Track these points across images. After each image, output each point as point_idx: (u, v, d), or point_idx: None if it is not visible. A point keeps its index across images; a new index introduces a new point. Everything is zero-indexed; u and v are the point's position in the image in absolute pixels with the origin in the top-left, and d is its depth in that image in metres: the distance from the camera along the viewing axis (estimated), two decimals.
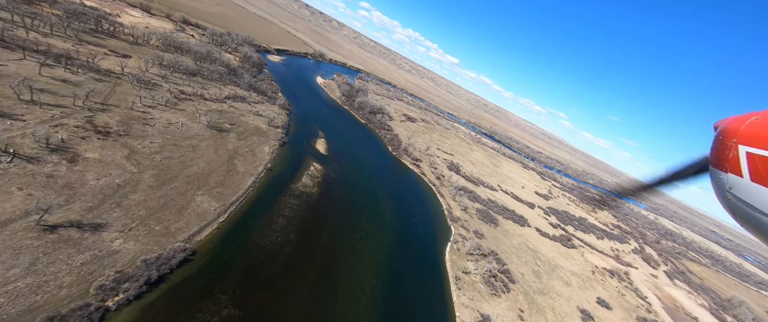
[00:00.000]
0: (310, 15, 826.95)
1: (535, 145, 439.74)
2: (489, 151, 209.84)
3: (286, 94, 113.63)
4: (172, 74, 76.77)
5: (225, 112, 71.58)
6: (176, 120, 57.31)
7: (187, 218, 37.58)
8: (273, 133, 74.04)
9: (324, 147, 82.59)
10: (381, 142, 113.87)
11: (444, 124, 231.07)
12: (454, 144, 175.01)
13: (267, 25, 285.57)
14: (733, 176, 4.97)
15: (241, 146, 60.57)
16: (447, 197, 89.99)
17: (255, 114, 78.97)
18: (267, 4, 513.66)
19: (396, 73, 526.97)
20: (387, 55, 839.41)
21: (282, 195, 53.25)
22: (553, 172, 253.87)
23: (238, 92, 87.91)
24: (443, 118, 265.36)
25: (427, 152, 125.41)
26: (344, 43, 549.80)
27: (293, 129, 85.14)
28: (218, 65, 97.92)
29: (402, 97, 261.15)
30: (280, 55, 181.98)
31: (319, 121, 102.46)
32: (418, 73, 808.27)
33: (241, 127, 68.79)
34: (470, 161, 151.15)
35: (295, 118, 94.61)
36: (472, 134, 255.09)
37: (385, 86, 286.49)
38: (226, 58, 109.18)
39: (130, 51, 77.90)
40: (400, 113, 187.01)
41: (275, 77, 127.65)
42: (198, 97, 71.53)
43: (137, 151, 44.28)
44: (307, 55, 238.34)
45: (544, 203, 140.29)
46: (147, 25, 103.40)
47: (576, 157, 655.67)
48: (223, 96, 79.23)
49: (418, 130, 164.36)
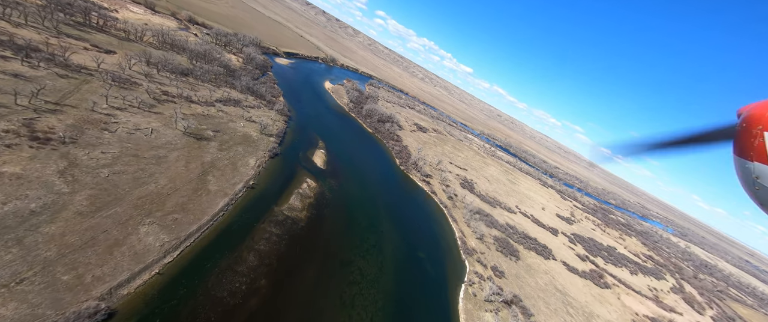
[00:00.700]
0: (326, 21, 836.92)
1: (551, 159, 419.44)
2: (505, 165, 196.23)
3: (288, 98, 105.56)
4: (159, 73, 69.53)
5: (211, 117, 63.26)
6: (146, 125, 48.98)
7: (116, 260, 28.13)
8: (264, 142, 65.11)
9: (322, 160, 73.05)
10: (388, 155, 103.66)
11: (457, 135, 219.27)
12: (468, 157, 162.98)
13: (280, 28, 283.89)
14: (759, 165, 4.78)
15: (221, 158, 51.58)
16: (460, 222, 78.42)
17: (247, 120, 70.48)
18: (283, 9, 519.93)
19: (409, 80, 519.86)
20: (401, 62, 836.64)
21: (260, 222, 43.50)
22: (573, 190, 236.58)
23: (233, 95, 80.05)
24: (456, 129, 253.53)
25: (438, 167, 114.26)
26: (358, 50, 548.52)
27: (290, 138, 76.19)
28: (216, 66, 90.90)
29: (414, 106, 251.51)
30: (288, 59, 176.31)
31: (320, 129, 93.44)
32: (432, 81, 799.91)
33: (227, 134, 60.11)
34: (485, 178, 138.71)
35: (295, 125, 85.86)
36: (487, 147, 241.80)
37: (397, 94, 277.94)
38: (226, 58, 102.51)
39: (117, 47, 71.44)
40: (411, 122, 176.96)
41: (279, 81, 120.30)
42: (183, 99, 63.62)
43: (79, 163, 35.61)
44: (318, 59, 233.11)
45: (568, 228, 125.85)
46: (146, 21, 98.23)
47: (594, 173, 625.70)
48: (213, 99, 71.31)
49: (430, 142, 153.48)
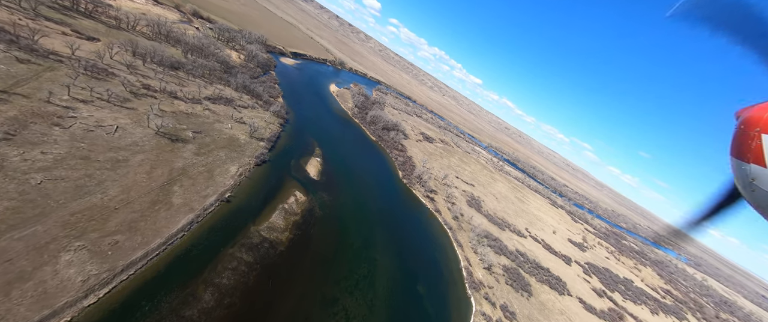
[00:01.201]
0: (339, 25, 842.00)
1: (560, 176, 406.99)
2: (513, 182, 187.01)
3: (288, 100, 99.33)
4: (145, 65, 63.69)
5: (195, 116, 56.78)
6: (112, 122, 42.50)
7: (9, 305, 20.95)
8: (252, 147, 58.31)
9: (317, 169, 65.89)
10: (390, 166, 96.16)
11: (464, 146, 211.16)
12: (475, 172, 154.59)
13: (290, 29, 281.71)
14: (756, 167, 4.74)
15: (196, 164, 44.72)
16: (466, 247, 70.15)
17: (236, 121, 63.93)
18: (297, 11, 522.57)
19: (417, 88, 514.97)
20: (410, 70, 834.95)
21: (229, 246, 36.21)
22: (584, 212, 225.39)
23: (225, 93, 73.89)
24: (464, 140, 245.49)
25: (444, 182, 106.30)
26: (368, 55, 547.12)
27: (283, 143, 69.37)
28: (212, 61, 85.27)
29: (421, 114, 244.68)
30: (295, 59, 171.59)
31: (319, 134, 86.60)
32: (440, 90, 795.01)
33: (210, 136, 53.43)
34: (493, 195, 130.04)
35: (291, 129, 79.20)
36: (495, 160, 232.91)
37: (405, 101, 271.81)
38: (225, 54, 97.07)
39: (104, 34, 66.00)
40: (417, 131, 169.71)
41: (281, 81, 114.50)
42: (166, 94, 57.37)
43: (5, 166, 28.93)
44: (326, 61, 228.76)
45: (581, 255, 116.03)
46: (145, 12, 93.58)
47: (603, 193, 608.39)
48: (202, 96, 65.06)
49: (436, 153, 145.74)
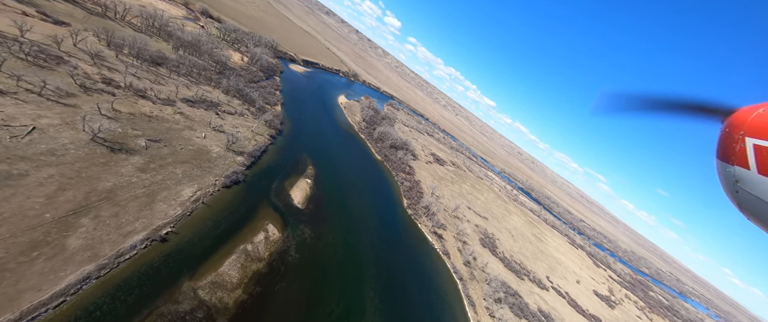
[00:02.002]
0: (358, 39, 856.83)
1: (575, 210, 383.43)
2: (528, 214, 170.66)
3: (288, 108, 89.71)
4: (118, 56, 54.84)
5: (160, 120, 46.61)
6: (29, 121, 32.31)
7: None
8: (225, 162, 47.43)
9: (304, 194, 54.27)
10: (395, 192, 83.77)
11: (477, 171, 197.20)
12: (489, 202, 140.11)
13: (307, 38, 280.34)
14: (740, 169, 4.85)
15: (133, 185, 33.71)
16: (479, 307, 56.07)
17: (214, 129, 53.58)
18: (318, 23, 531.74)
19: (430, 106, 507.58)
20: (425, 87, 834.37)
21: (140, 317, 24.23)
22: (605, 253, 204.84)
23: (211, 95, 64.37)
24: (476, 164, 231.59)
25: (454, 214, 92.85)
26: (383, 69, 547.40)
27: (269, 159, 58.46)
28: (207, 60, 76.89)
29: (433, 133, 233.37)
30: (305, 67, 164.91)
31: (316, 150, 75.70)
32: (454, 109, 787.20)
33: (170, 147, 42.83)
34: (508, 231, 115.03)
35: (283, 142, 68.59)
36: (508, 188, 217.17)
37: (417, 118, 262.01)
38: (225, 54, 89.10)
39: (80, 20, 58.05)
40: (428, 152, 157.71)
41: (284, 87, 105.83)
42: (130, 91, 47.71)
43: None
44: (339, 72, 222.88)
45: (610, 314, 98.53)
46: (146, 4, 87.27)
47: (619, 230, 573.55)
48: (179, 97, 55.38)
49: (446, 178, 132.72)
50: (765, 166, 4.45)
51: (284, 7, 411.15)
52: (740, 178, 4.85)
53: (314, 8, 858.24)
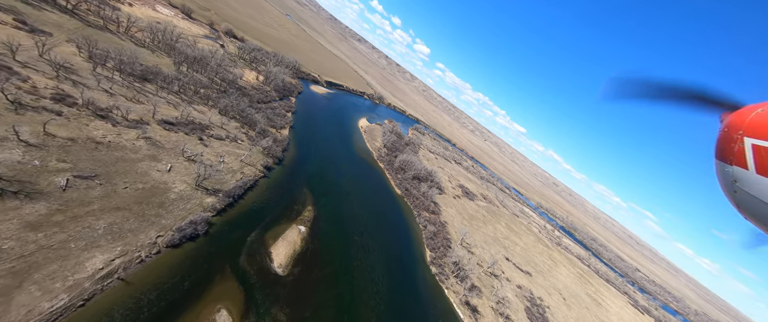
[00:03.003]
0: (387, 64, 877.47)
1: (626, 254, 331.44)
2: (577, 265, 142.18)
3: (297, 132, 79.07)
4: (95, 70, 47.02)
5: (112, 148, 36.04)
6: None
7: None
8: (185, 207, 35.20)
9: (290, 251, 40.19)
10: (415, 240, 67.14)
11: (511, 206, 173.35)
12: (529, 248, 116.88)
13: (336, 61, 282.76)
14: (738, 169, 4.83)
15: (3, 254, 21.59)
16: None
17: (188, 159, 42.42)
18: (349, 48, 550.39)
19: (458, 130, 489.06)
20: (452, 111, 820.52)
21: None
22: (678, 320, 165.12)
23: (202, 117, 54.65)
24: (509, 197, 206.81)
25: (490, 270, 73.35)
26: (410, 93, 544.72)
27: (255, 198, 45.88)
28: (211, 77, 69.30)
29: (461, 160, 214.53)
30: (328, 88, 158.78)
31: (321, 184, 62.58)
32: (482, 135, 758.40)
33: (108, 186, 31.42)
34: (559, 292, 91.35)
35: (281, 174, 56.38)
36: (548, 228, 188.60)
37: (443, 144, 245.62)
38: (236, 72, 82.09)
39: (69, 31, 52.08)
40: (456, 183, 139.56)
41: (299, 109, 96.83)
42: (86, 110, 38.25)
43: None
44: (364, 94, 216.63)
45: None
46: (165, 21, 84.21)
47: (680, 281, 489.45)
48: (156, 117, 45.66)
49: (478, 216, 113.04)
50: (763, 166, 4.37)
51: (318, 33, 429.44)
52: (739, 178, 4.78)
53: (347, 35, 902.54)
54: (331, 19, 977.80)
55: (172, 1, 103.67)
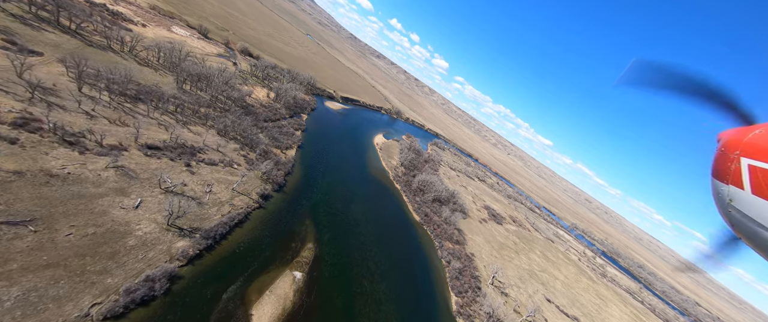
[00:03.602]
0: (405, 79, 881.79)
1: (680, 283, 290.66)
2: (629, 302, 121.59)
3: (306, 153, 72.44)
4: (80, 91, 42.90)
5: (69, 181, 30.10)
6: None
7: None
8: (145, 256, 27.97)
9: (278, 311, 31.56)
10: (437, 280, 56.18)
11: (544, 229, 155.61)
12: (571, 282, 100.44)
13: (354, 77, 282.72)
14: (734, 188, 4.87)
15: None
16: None
17: (166, 191, 35.90)
18: (368, 65, 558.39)
19: (479, 144, 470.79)
20: (473, 124, 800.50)
21: None
22: None
23: (196, 139, 49.02)
24: (540, 218, 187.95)
25: (530, 320, 60.14)
26: (429, 106, 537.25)
27: (242, 236, 38.21)
28: (215, 95, 64.98)
29: (484, 177, 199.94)
30: (343, 104, 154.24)
31: (327, 214, 54.32)
32: (505, 148, 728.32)
33: (46, 233, 24.88)
34: None
35: (280, 203, 48.91)
36: (588, 254, 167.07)
37: (465, 159, 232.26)
38: (244, 89, 77.97)
39: (67, 51, 49.27)
40: (481, 204, 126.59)
41: (311, 126, 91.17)
42: (52, 135, 33.04)
43: None
44: (380, 109, 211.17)
45: None
46: (180, 41, 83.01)
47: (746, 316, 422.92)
48: (140, 141, 40.16)
49: (508, 244, 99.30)
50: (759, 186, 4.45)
51: (337, 51, 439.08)
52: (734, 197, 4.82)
53: (366, 52, 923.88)
54: (351, 38, 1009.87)
55: (190, 23, 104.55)
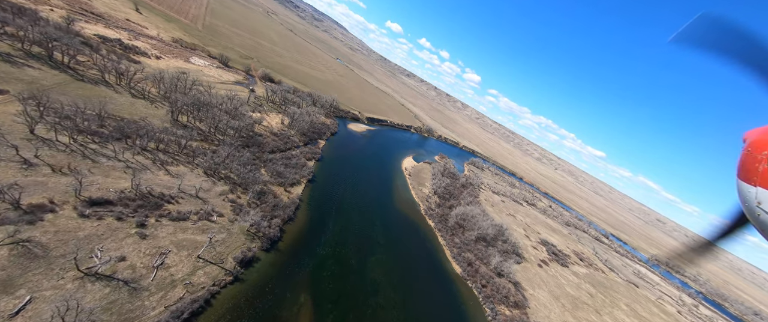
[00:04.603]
0: (436, 95, 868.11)
1: None
2: None
3: (318, 189, 60.20)
4: (33, 133, 35.38)
5: None
6: None
7: None
8: None
9: None
10: None
11: (620, 268, 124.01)
12: None
13: (381, 96, 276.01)
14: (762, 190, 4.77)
15: None
16: None
17: (83, 274, 24.69)
18: (398, 84, 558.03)
19: (521, 160, 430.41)
20: (511, 138, 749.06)
21: None
22: None
23: (168, 183, 38.99)
24: (611, 249, 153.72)
25: None
26: (462, 122, 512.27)
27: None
28: (216, 124, 56.57)
29: (533, 200, 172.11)
30: (368, 125, 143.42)
31: (335, 279, 39.99)
32: (551, 163, 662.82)
33: None
34: None
35: (267, 270, 35.94)
36: (688, 302, 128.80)
37: (508, 178, 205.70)
38: (254, 117, 69.62)
39: (43, 88, 43.71)
40: (536, 238, 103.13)
41: (329, 153, 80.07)
42: None
43: None
44: (410, 128, 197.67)
45: None
46: (196, 70, 79.19)
47: None
48: (80, 197, 30.54)
49: (583, 299, 75.33)
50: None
51: (366, 73, 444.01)
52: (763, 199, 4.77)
53: (396, 72, 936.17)
54: (382, 60, 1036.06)
55: (212, 53, 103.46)
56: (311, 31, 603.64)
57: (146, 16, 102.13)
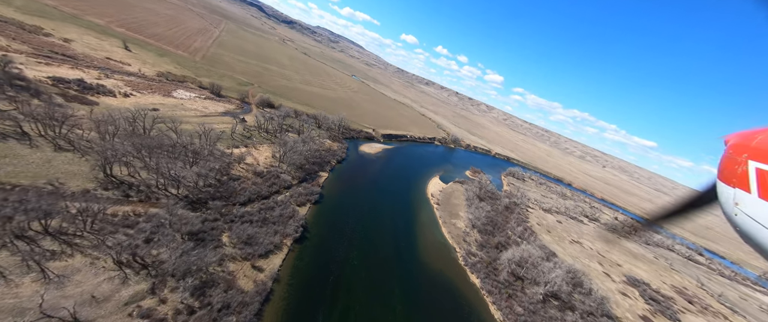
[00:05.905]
0: (458, 101, 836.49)
1: None
2: None
3: (310, 248, 42.31)
4: None
5: None
6: None
7: None
8: None
9: None
10: None
11: (736, 302, 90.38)
12: None
13: (399, 108, 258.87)
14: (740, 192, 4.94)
15: None
16: None
17: None
18: (417, 93, 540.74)
19: (563, 160, 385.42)
20: (546, 137, 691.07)
21: None
22: None
23: (27, 299, 23.25)
24: (713, 272, 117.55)
25: None
26: (490, 125, 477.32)
27: None
28: (167, 173, 41.70)
29: (595, 213, 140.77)
30: (386, 143, 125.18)
31: None
32: (597, 159, 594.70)
33: None
34: None
35: None
36: None
37: (555, 187, 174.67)
38: (230, 157, 54.60)
39: None
40: (619, 276, 76.30)
41: (332, 188, 62.68)
42: None
43: None
44: (434, 140, 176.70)
45: None
46: (174, 104, 67.37)
47: None
48: None
49: None
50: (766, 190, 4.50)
51: (383, 86, 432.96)
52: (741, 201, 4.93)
53: (414, 81, 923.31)
54: (399, 72, 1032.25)
55: (203, 83, 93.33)
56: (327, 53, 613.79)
57: (135, 53, 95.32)
